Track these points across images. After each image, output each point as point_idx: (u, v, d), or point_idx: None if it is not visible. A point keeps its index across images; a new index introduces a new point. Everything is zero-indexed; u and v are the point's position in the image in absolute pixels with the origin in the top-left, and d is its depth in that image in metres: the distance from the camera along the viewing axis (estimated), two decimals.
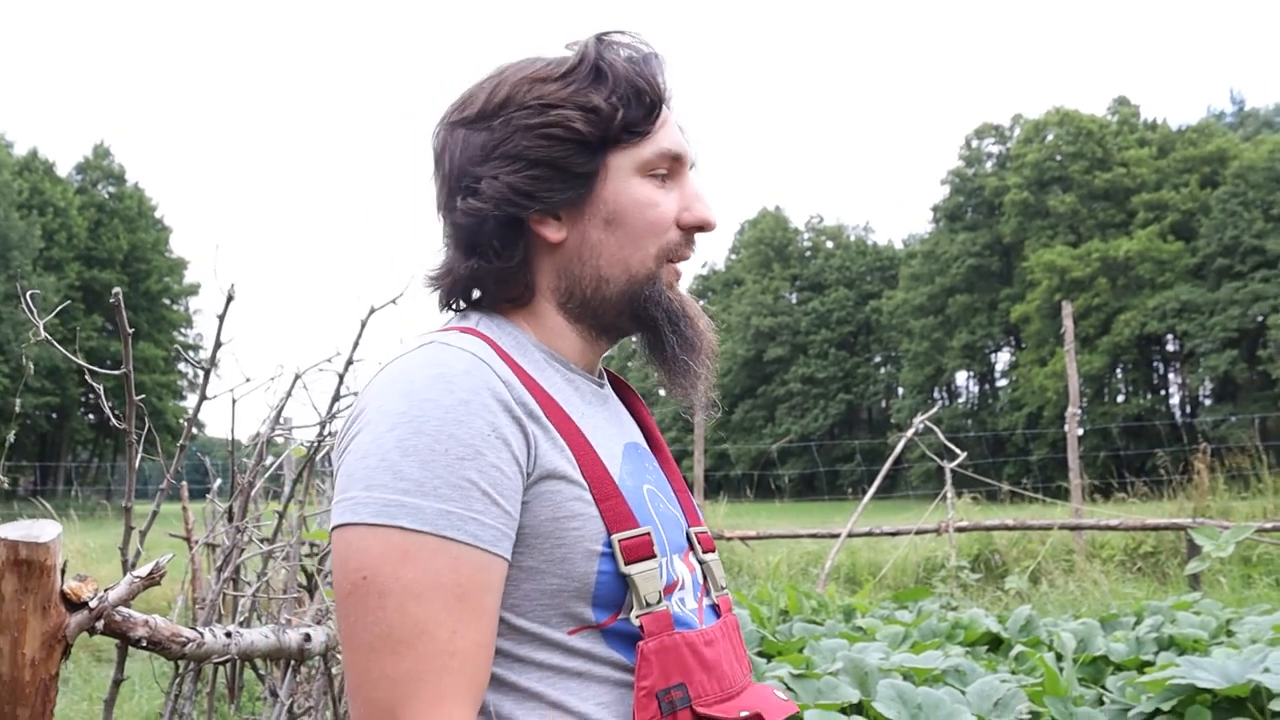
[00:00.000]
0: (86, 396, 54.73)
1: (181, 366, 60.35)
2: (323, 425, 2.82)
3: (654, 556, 1.27)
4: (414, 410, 1.16)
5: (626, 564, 1.25)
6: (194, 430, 2.46)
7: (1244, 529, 8.17)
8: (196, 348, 61.93)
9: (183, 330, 63.02)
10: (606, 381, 1.46)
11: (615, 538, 1.24)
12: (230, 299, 2.00)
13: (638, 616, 1.25)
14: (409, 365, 1.22)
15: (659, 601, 1.27)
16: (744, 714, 1.28)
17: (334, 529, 1.18)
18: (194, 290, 63.35)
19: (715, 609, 1.39)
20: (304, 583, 2.75)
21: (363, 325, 2.76)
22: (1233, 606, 6.51)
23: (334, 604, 1.05)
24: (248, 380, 2.35)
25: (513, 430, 1.19)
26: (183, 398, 59.77)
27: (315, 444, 2.78)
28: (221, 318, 2.09)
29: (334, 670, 2.94)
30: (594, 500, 1.24)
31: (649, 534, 1.28)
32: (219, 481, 4.39)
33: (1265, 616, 5.49)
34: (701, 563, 1.41)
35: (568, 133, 1.28)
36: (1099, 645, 5.23)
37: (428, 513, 1.13)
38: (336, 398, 2.81)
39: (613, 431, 1.38)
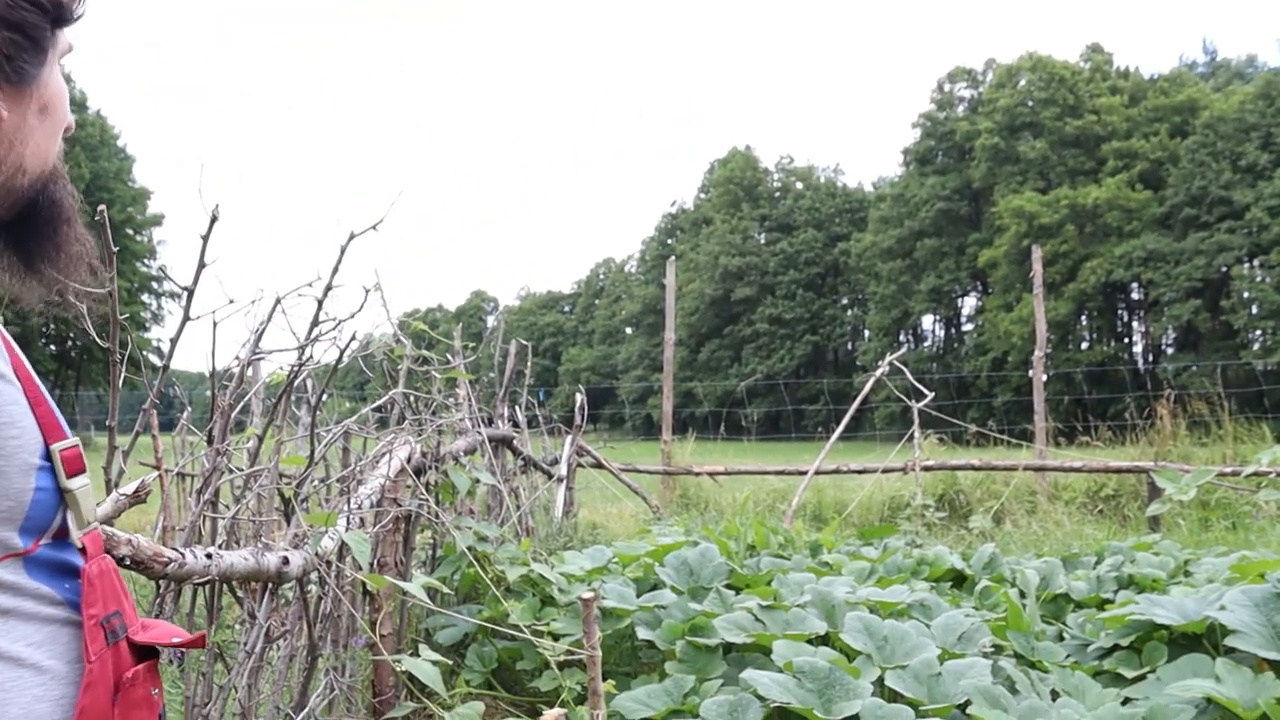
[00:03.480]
0: (47, 326, 54.17)
1: (145, 298, 59.75)
2: (301, 350, 2.81)
3: (85, 471, 1.15)
4: None
5: (68, 478, 1.11)
6: (170, 354, 2.43)
7: (1205, 473, 8.29)
8: (161, 279, 61.26)
9: (146, 262, 62.22)
10: None
11: (55, 448, 1.10)
12: (215, 219, 1.97)
13: (80, 537, 1.14)
14: None
15: (93, 520, 1.17)
16: (176, 639, 1.21)
17: None
18: (157, 221, 62.47)
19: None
20: (280, 507, 2.75)
21: (342, 251, 2.74)
22: (1191, 548, 6.62)
23: None
24: (231, 302, 2.31)
25: None
26: (146, 329, 59.17)
27: (295, 370, 2.77)
28: (205, 238, 2.06)
29: (310, 591, 2.95)
30: (29, 405, 1.08)
31: (78, 446, 1.14)
32: (188, 410, 4.38)
33: (1222, 558, 5.59)
34: None
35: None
36: (1060, 583, 5.32)
37: None
38: (315, 323, 2.80)
39: None
